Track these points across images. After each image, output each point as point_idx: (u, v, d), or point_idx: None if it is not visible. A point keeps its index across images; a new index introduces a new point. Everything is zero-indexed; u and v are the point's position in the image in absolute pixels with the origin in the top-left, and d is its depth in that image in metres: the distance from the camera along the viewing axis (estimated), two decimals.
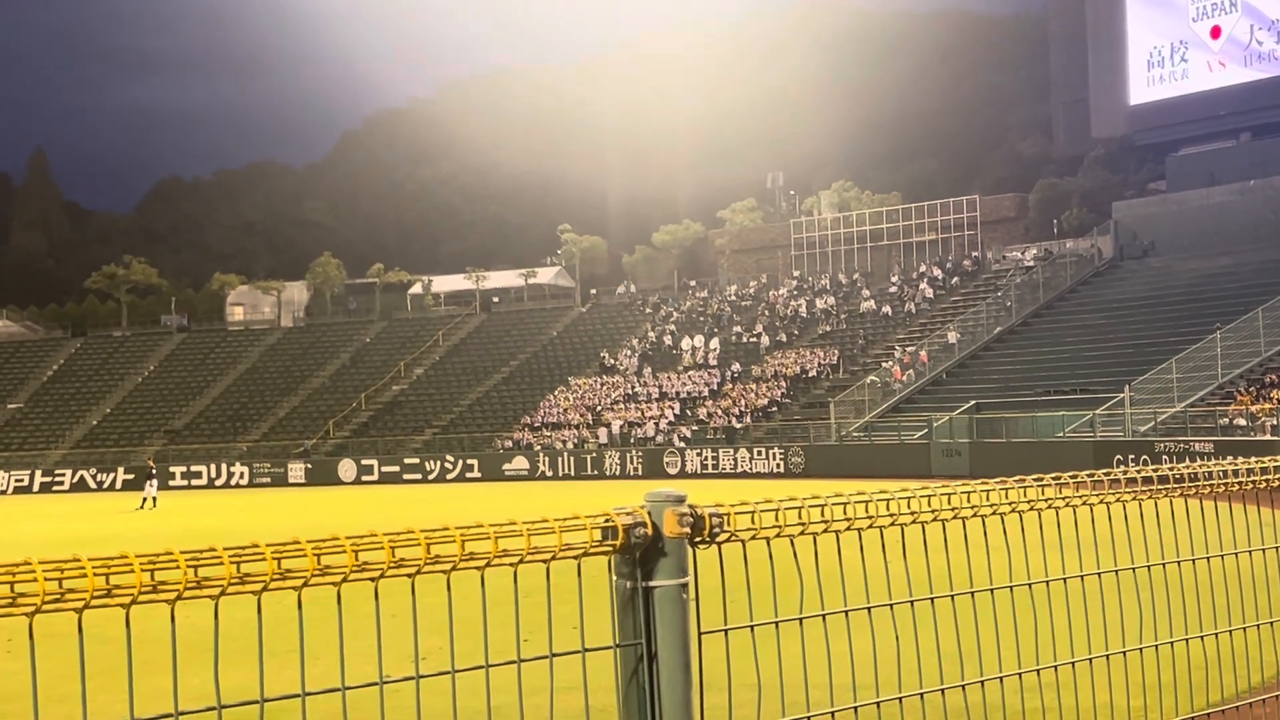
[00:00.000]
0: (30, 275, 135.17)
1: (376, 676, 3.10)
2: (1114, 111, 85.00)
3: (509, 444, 75.13)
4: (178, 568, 2.67)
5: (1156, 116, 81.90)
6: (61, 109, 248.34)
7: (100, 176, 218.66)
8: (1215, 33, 79.11)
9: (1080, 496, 4.62)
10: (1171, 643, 5.22)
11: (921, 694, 4.28)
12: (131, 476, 72.66)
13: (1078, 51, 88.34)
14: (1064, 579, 4.86)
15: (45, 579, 2.54)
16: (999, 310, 74.23)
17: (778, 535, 3.62)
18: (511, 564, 3.14)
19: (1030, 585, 4.68)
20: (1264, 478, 5.32)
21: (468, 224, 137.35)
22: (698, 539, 3.46)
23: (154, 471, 57.98)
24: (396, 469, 73.37)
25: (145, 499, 53.37)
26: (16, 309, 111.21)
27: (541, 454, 71.40)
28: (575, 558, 3.27)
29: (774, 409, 72.07)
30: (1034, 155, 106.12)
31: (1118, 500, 4.77)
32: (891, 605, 4.14)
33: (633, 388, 78.31)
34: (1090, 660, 4.88)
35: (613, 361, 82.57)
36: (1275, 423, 49.61)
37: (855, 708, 4.06)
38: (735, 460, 65.10)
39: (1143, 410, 55.61)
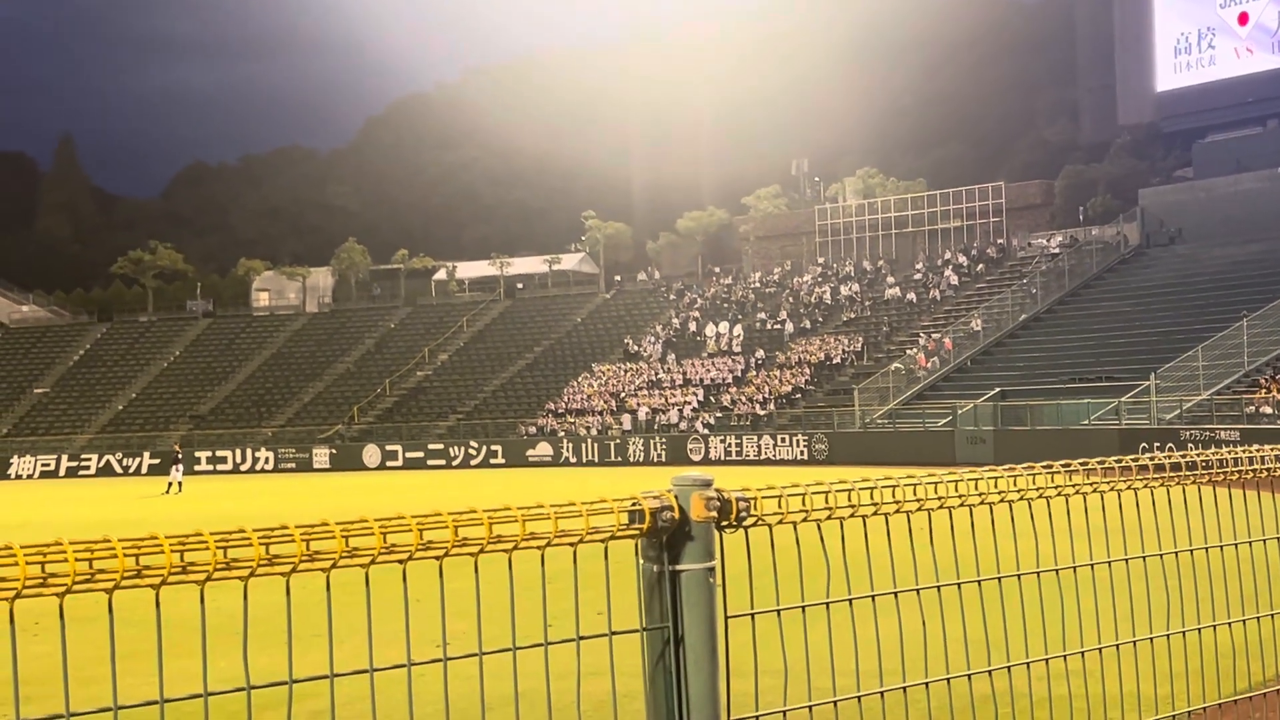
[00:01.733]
0: (57, 260, 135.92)
1: (404, 659, 3.10)
2: (1141, 98, 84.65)
3: (533, 430, 75.24)
4: (207, 549, 2.68)
5: (1183, 103, 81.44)
6: (88, 94, 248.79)
7: (127, 162, 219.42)
8: (1243, 19, 78.62)
9: (1108, 482, 4.60)
10: (1199, 629, 5.21)
11: (948, 679, 4.28)
12: (157, 461, 73.03)
13: (1104, 37, 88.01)
14: (1091, 565, 4.84)
15: (75, 559, 2.55)
16: (1024, 297, 73.97)
17: (804, 520, 3.62)
18: (539, 547, 3.14)
19: (1057, 571, 4.67)
20: None
21: (492, 210, 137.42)
22: (724, 523, 3.46)
23: (179, 456, 58.30)
24: (421, 454, 73.55)
25: (171, 484, 53.66)
26: (43, 294, 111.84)
27: (565, 440, 71.49)
28: (602, 541, 3.27)
29: (798, 396, 72.01)
30: (1060, 141, 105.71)
31: (1145, 486, 4.75)
32: (918, 591, 4.14)
33: (656, 374, 78.29)
34: (1117, 647, 4.87)
35: (637, 348, 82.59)
36: None
37: (881, 693, 4.05)
38: (759, 447, 65.02)
39: (1168, 398, 55.42)
